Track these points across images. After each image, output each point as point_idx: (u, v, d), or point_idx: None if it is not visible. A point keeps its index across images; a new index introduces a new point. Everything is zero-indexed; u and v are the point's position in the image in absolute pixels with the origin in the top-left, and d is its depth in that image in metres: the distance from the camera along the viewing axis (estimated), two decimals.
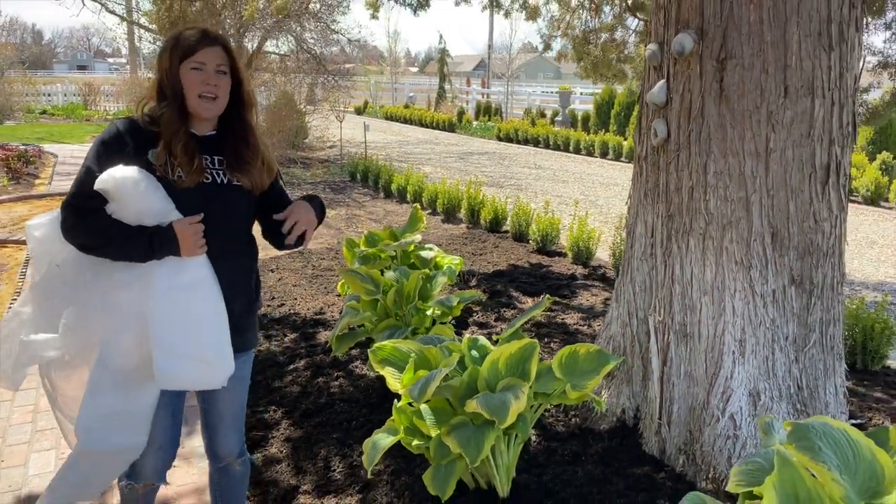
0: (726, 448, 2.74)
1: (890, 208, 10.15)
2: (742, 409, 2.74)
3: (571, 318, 4.87)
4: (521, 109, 25.22)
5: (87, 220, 1.89)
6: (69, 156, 13.39)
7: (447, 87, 29.53)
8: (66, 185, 10.35)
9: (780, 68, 2.63)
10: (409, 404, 2.79)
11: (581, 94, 25.14)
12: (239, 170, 2.04)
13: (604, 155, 15.42)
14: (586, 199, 10.23)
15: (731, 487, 1.99)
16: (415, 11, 6.95)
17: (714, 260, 2.79)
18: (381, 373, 2.88)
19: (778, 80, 2.63)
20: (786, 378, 2.78)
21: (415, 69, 68.99)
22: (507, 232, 7.63)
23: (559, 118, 21.58)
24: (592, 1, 6.44)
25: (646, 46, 3.09)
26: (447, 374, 2.59)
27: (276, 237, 2.14)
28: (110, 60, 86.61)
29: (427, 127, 22.71)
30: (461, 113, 23.29)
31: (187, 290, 1.92)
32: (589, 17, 6.74)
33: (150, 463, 2.16)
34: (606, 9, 6.43)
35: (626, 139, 15.56)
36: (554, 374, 2.63)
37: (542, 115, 22.48)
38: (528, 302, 5.25)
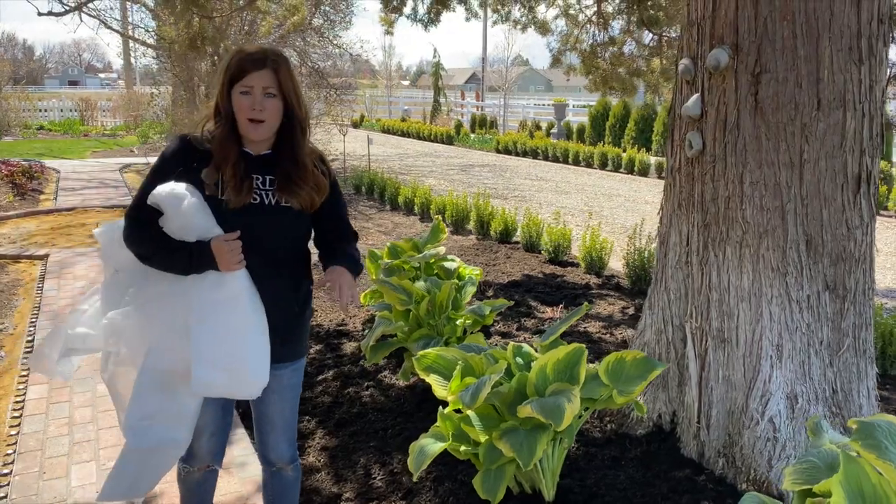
0: (766, 450, 2.81)
1: (890, 216, 10.30)
2: (781, 412, 2.82)
3: (593, 327, 4.95)
4: (516, 122, 25.41)
5: (139, 231, 2.01)
6: (71, 171, 13.42)
7: (442, 100, 29.74)
8: (71, 200, 10.38)
9: (813, 82, 2.73)
10: (456, 411, 2.86)
11: (573, 106, 25.35)
12: (288, 191, 2.06)
13: (603, 166, 15.57)
14: (590, 209, 10.34)
15: (787, 486, 2.06)
16: (426, 27, 7.05)
17: (751, 267, 2.88)
18: (427, 380, 2.94)
19: (811, 93, 2.74)
20: (821, 381, 2.87)
21: (406, 83, 69.30)
22: (517, 243, 7.71)
23: (555, 130, 21.76)
24: (601, 16, 6.57)
25: (677, 62, 3.18)
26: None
27: (326, 255, 2.27)
28: (102, 76, 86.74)
29: (425, 140, 22.85)
30: (459, 126, 23.45)
31: (226, 304, 1.99)
32: (597, 32, 6.87)
33: (205, 447, 2.32)
34: (615, 24, 6.57)
35: (624, 151, 15.72)
36: (601, 381, 2.71)
37: (538, 128, 22.67)
38: (548, 311, 5.33)
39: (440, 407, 2.90)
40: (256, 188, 2.07)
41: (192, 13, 5.51)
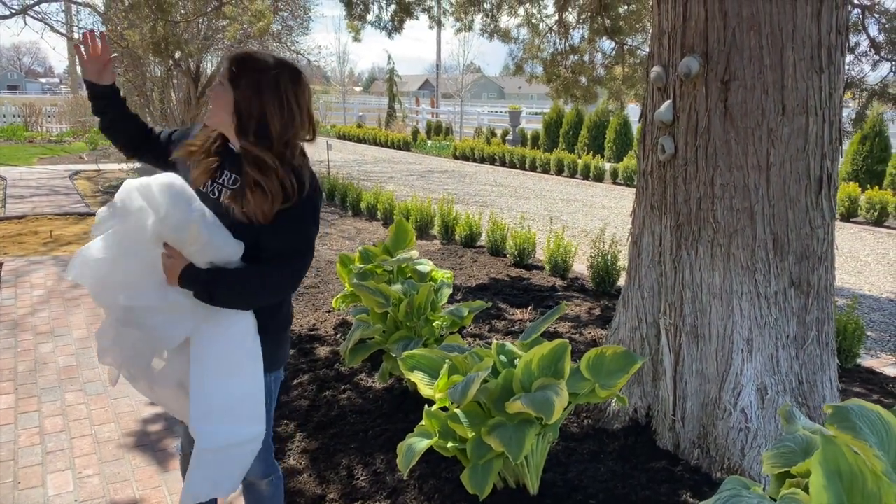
0: (739, 440, 2.95)
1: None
2: (752, 404, 2.96)
3: (563, 327, 5.07)
4: (471, 129, 25.68)
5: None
6: (18, 178, 13.03)
7: (397, 106, 29.80)
8: (20, 207, 10.09)
9: (779, 89, 2.89)
10: (442, 409, 2.92)
11: (526, 113, 25.72)
12: (234, 199, 1.97)
13: (559, 172, 15.84)
14: (549, 214, 10.53)
15: (766, 469, 2.18)
16: (390, 35, 7.11)
17: (722, 265, 3.02)
18: (412, 379, 3.00)
19: (776, 99, 2.89)
20: (788, 374, 3.02)
21: (359, 89, 69.11)
22: (482, 247, 7.81)
23: (510, 137, 22.04)
24: (562, 25, 6.73)
25: (647, 70, 3.32)
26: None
27: None
28: (43, 80, 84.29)
29: (382, 146, 22.87)
30: (416, 132, 23.54)
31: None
32: (558, 41, 7.03)
33: (185, 435, 2.36)
34: (575, 33, 6.74)
35: (579, 157, 16.02)
36: (582, 375, 2.80)
37: (493, 134, 22.92)
38: (517, 313, 5.43)
39: (426, 405, 2.96)
40: (221, 183, 2.04)
41: (157, 18, 5.46)
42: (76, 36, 17.23)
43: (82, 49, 2.15)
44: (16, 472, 3.28)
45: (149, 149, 2.30)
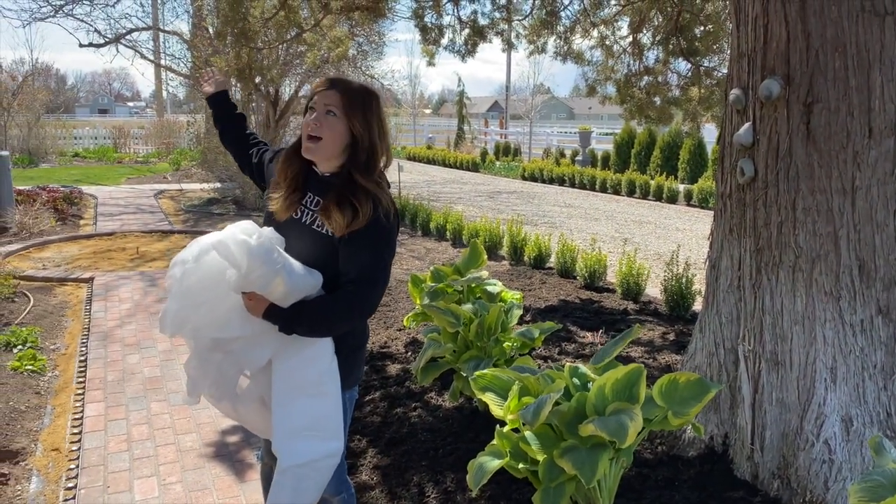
0: (822, 472, 2.84)
1: None
2: (836, 435, 2.86)
3: (636, 352, 5.00)
4: (540, 150, 25.68)
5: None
6: (108, 197, 13.74)
7: (466, 128, 30.09)
8: (110, 225, 10.64)
9: (865, 111, 2.81)
10: (514, 430, 2.93)
11: (596, 133, 25.54)
12: (326, 216, 2.03)
13: (631, 193, 15.63)
14: (621, 236, 10.40)
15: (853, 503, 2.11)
16: (463, 58, 7.23)
17: (804, 291, 2.94)
18: (483, 399, 3.02)
19: (862, 122, 2.81)
20: (875, 405, 2.90)
21: (428, 111, 70.03)
22: (551, 268, 7.78)
23: (579, 158, 21.91)
24: (636, 46, 6.71)
25: (726, 92, 3.28)
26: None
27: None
28: (130, 104, 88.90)
29: (450, 167, 23.09)
30: (484, 153, 23.69)
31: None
32: (632, 62, 7.00)
33: (266, 447, 2.44)
34: (650, 54, 6.70)
35: (652, 178, 15.78)
36: (655, 402, 2.76)
37: (563, 155, 22.83)
38: (588, 336, 5.38)
39: (497, 425, 2.97)
40: (304, 205, 2.11)
41: (241, 45, 5.72)
42: (164, 62, 18.17)
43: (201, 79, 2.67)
44: (105, 477, 3.45)
45: (248, 170, 2.49)
